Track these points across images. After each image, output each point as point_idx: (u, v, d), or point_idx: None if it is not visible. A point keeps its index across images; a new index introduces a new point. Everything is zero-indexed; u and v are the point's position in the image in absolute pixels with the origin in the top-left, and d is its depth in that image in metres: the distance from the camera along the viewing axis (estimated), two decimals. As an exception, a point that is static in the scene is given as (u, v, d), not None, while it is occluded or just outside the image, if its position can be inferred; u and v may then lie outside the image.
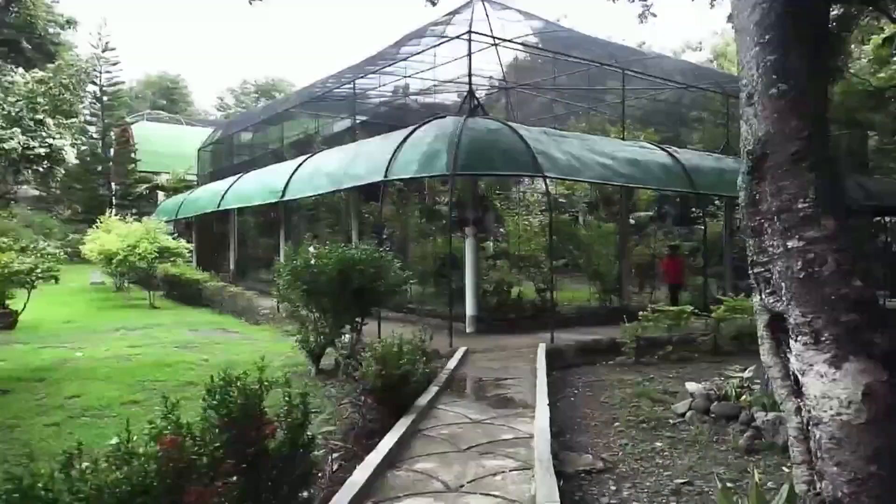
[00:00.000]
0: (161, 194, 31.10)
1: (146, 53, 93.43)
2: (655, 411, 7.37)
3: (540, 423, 5.71)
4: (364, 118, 21.60)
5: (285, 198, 15.25)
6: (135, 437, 3.22)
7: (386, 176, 11.79)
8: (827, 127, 3.62)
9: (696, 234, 26.31)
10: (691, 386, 7.55)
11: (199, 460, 3.30)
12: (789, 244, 3.36)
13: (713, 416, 6.82)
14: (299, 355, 9.25)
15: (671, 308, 11.58)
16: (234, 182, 19.26)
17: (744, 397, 6.74)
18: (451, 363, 9.08)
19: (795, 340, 3.34)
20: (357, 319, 8.73)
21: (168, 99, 66.00)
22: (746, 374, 7.45)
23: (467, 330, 12.66)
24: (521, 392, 7.61)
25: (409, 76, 17.99)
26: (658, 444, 6.19)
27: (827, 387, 3.17)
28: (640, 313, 11.26)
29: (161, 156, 34.55)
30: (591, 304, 15.37)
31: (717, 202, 23.78)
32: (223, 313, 15.73)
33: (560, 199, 25.59)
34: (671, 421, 6.97)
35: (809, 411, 3.28)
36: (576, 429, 6.75)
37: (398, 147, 12.05)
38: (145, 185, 31.81)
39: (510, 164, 11.32)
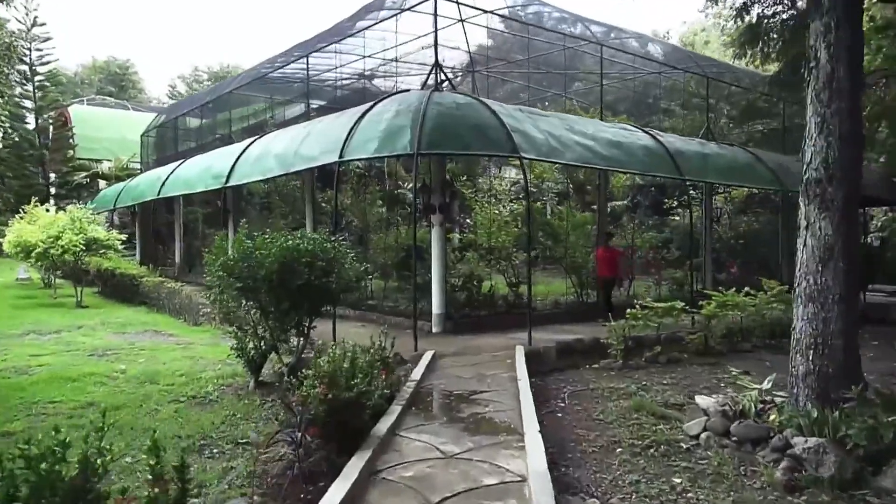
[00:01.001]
0: (103, 184, 28.84)
1: (93, 37, 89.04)
2: (662, 432, 6.16)
3: (534, 461, 4.40)
4: (321, 103, 20.06)
5: (230, 183, 13.64)
6: None
7: (341, 156, 10.35)
8: None
9: (667, 224, 25.54)
10: (702, 400, 6.36)
11: None
12: None
13: (735, 439, 5.63)
14: (239, 363, 7.79)
15: (661, 304, 10.44)
16: (177, 167, 17.51)
17: (773, 417, 5.56)
18: (417, 372, 7.74)
19: None
20: (304, 322, 7.30)
21: (117, 85, 62.80)
22: (766, 385, 6.30)
23: (434, 330, 11.34)
24: (502, 410, 6.31)
25: (370, 56, 16.52)
26: (676, 479, 4.96)
27: None
28: (629, 311, 10.10)
29: (104, 142, 32.28)
30: (567, 298, 14.20)
31: (692, 192, 23.03)
32: (161, 312, 14.07)
33: (530, 188, 24.47)
34: (684, 445, 5.76)
35: None
36: (571, 457, 5.48)
37: (355, 124, 10.61)
38: (85, 174, 29.43)
39: (482, 143, 10.00)
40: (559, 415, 6.95)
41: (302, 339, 7.30)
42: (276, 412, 6.33)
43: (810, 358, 5.69)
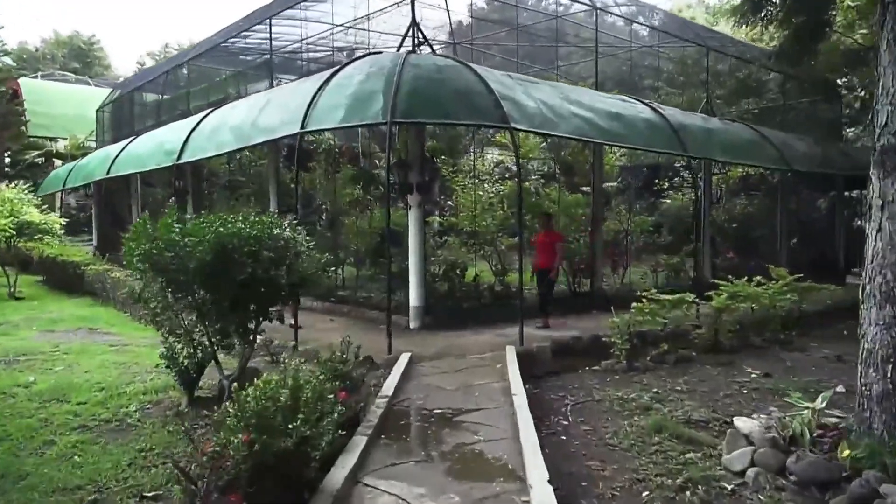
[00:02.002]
0: (59, 163, 26.84)
1: (57, 12, 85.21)
2: (694, 464, 4.92)
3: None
4: (292, 77, 18.47)
5: (183, 160, 12.09)
6: None
7: (304, 126, 8.91)
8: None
9: (657, 207, 24.36)
10: (743, 424, 5.10)
11: None
12: None
13: (794, 479, 4.40)
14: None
15: (668, 297, 9.21)
16: (128, 144, 15.86)
17: (845, 452, 4.32)
18: (390, 383, 6.40)
19: None
20: (250, 324, 5.91)
21: (82, 62, 60.00)
22: (820, 404, 5.06)
23: (412, 325, 10.03)
24: (495, 439, 5.01)
25: (340, 26, 15.03)
26: (732, 544, 3.72)
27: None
28: (634, 305, 8.85)
29: (60, 119, 30.13)
30: (558, 287, 12.93)
31: (686, 173, 21.83)
32: (106, 304, 12.54)
33: (514, 168, 23.11)
34: (727, 486, 4.51)
35: None
36: (586, 505, 4.22)
37: (320, 89, 9.17)
38: (37, 153, 27.36)
39: (467, 112, 8.60)
40: (563, 438, 5.68)
41: (247, 346, 5.90)
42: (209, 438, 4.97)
43: (888, 374, 4.46)
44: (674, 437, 5.57)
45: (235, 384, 5.10)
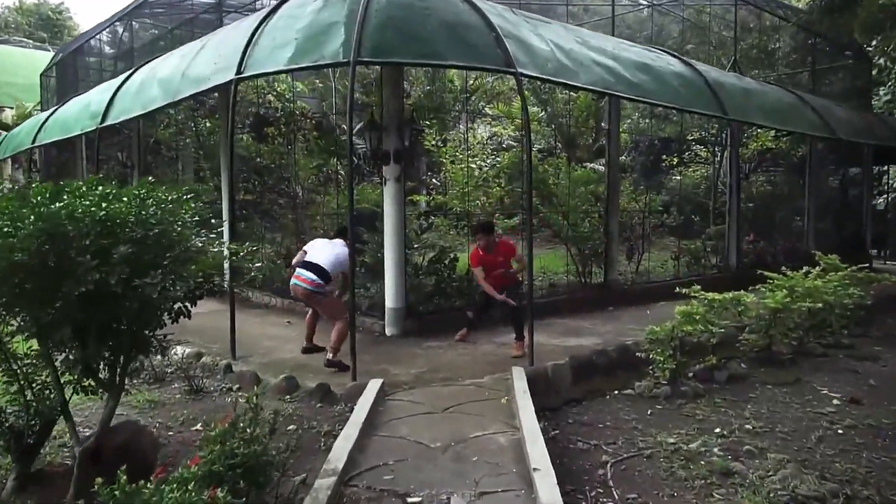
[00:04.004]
0: (5, 134, 24.22)
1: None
2: None
3: None
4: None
5: (108, 122, 9.78)
6: None
7: (240, 71, 6.65)
8: None
9: (665, 185, 22.22)
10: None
11: None
12: None
13: None
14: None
15: (719, 296, 7.11)
16: (57, 108, 13.52)
17: None
18: (341, 447, 4.22)
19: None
20: (116, 359, 3.72)
21: (50, 31, 56.78)
22: None
23: (388, 331, 7.92)
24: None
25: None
26: None
27: None
28: (678, 308, 6.72)
29: (11, 88, 27.58)
30: (567, 279, 10.86)
31: (695, 148, 19.69)
32: None
33: (510, 142, 20.84)
34: None
35: None
36: None
37: (263, 22, 6.91)
38: (-19, 123, 24.72)
39: (459, 50, 6.36)
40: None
41: (111, 401, 3.71)
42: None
43: None
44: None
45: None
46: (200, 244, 3.75)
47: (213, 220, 4.19)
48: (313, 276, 6.49)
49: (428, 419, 4.98)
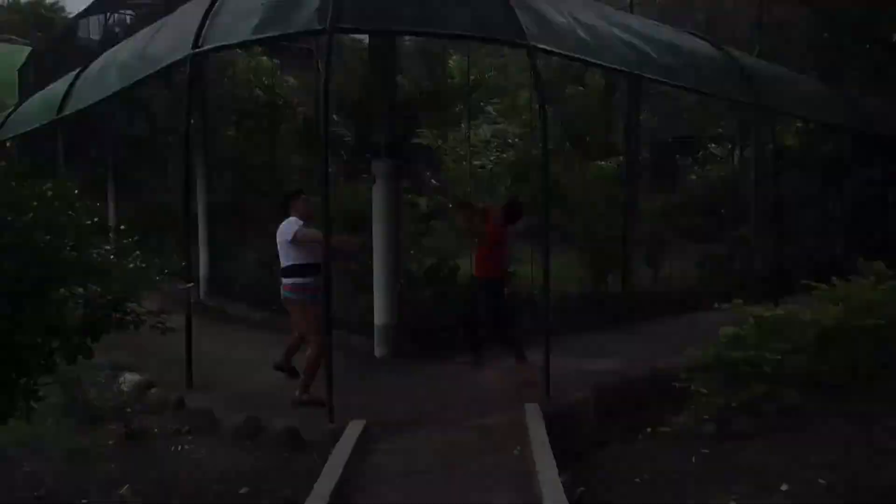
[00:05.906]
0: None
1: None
2: None
3: None
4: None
5: (65, 112, 8.74)
6: None
7: (198, 45, 5.56)
8: None
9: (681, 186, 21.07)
10: None
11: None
12: None
13: None
14: None
15: (769, 312, 5.99)
16: (21, 103, 12.54)
17: None
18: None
19: None
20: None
21: (45, 31, 56.11)
22: None
23: (377, 352, 6.82)
24: None
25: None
26: None
27: None
28: (724, 330, 5.60)
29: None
30: (580, 287, 9.72)
31: (712, 145, 18.52)
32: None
33: (515, 139, 19.68)
34: None
35: None
36: None
37: (224, -9, 5.82)
38: (-39, 122, 23.73)
39: (459, 18, 5.22)
40: None
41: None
42: None
43: None
44: None
45: None
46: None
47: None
48: (283, 276, 5.39)
49: (420, 478, 3.88)
